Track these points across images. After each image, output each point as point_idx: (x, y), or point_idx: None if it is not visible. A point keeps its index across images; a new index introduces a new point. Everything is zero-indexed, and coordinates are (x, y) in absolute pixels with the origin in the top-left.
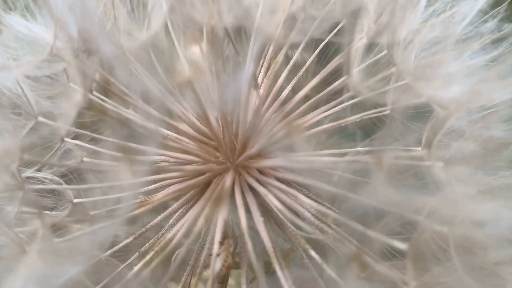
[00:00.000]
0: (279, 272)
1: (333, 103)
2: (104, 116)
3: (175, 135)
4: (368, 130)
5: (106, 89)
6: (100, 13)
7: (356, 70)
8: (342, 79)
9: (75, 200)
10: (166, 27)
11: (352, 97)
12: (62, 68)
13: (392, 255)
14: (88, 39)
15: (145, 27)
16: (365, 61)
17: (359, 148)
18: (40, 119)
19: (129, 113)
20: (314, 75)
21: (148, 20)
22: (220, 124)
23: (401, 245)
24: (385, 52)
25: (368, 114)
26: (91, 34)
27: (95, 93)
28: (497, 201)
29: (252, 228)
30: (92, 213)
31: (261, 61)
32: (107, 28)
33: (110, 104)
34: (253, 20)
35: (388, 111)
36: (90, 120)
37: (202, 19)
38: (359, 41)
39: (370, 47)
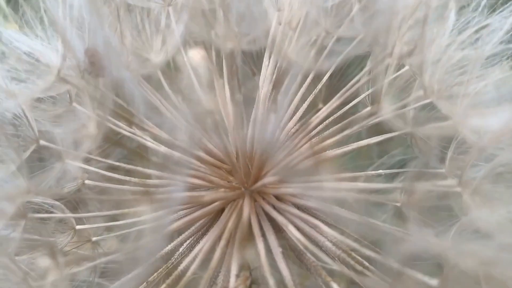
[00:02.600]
0: None
1: (355, 127)
2: (120, 147)
3: (186, 158)
4: (384, 145)
5: (120, 115)
6: (108, 32)
7: (384, 98)
8: (367, 109)
9: (78, 227)
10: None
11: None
12: (66, 89)
13: None
14: (96, 61)
15: (157, 47)
16: (391, 83)
17: (381, 171)
18: (42, 142)
19: (150, 142)
20: (328, 88)
21: (162, 40)
22: (234, 146)
23: (431, 281)
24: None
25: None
26: (99, 55)
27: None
28: None
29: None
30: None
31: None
32: (115, 47)
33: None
34: (279, 49)
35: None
36: None
37: (219, 41)
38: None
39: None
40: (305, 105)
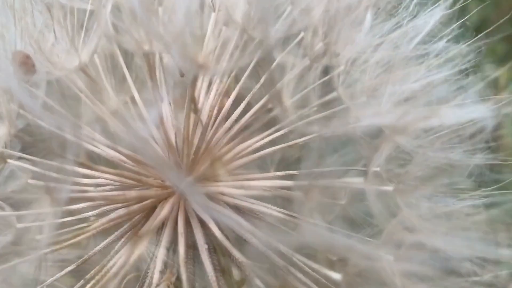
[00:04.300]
0: None
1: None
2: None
3: (119, 157)
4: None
5: None
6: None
7: (289, 101)
8: (275, 111)
9: (19, 226)
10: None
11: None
12: None
13: None
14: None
15: (76, 54)
16: (303, 85)
17: (315, 170)
18: None
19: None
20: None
21: (81, 47)
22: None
23: (335, 275)
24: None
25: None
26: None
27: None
28: (445, 231)
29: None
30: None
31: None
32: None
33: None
34: (182, 49)
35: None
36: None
37: (133, 46)
38: (301, 62)
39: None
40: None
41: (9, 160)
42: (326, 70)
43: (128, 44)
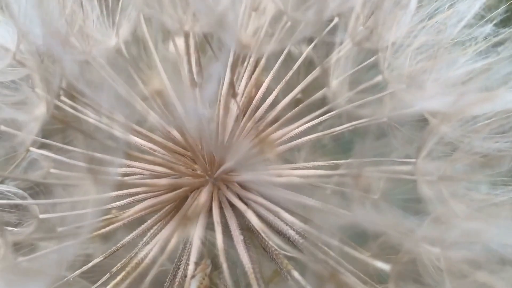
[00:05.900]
0: None
1: (318, 112)
2: (69, 127)
3: (150, 145)
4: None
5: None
6: (64, 18)
7: (336, 81)
8: (321, 91)
9: (41, 216)
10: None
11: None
12: (26, 74)
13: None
14: (50, 46)
15: (114, 32)
16: (350, 67)
17: (352, 160)
18: (2, 127)
19: (95, 121)
20: (306, 74)
21: (118, 25)
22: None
23: (384, 266)
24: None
25: (362, 123)
26: (52, 41)
27: (62, 99)
28: (492, 220)
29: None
30: (59, 229)
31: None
32: (73, 31)
33: (73, 114)
34: (227, 29)
35: (385, 119)
36: (58, 128)
37: (174, 25)
38: (345, 46)
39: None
40: (262, 89)
41: (31, 148)
42: (370, 54)
43: (169, 24)
